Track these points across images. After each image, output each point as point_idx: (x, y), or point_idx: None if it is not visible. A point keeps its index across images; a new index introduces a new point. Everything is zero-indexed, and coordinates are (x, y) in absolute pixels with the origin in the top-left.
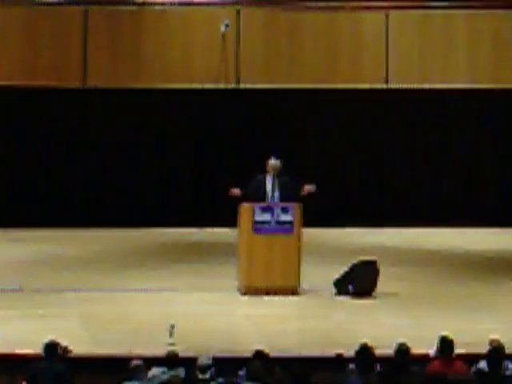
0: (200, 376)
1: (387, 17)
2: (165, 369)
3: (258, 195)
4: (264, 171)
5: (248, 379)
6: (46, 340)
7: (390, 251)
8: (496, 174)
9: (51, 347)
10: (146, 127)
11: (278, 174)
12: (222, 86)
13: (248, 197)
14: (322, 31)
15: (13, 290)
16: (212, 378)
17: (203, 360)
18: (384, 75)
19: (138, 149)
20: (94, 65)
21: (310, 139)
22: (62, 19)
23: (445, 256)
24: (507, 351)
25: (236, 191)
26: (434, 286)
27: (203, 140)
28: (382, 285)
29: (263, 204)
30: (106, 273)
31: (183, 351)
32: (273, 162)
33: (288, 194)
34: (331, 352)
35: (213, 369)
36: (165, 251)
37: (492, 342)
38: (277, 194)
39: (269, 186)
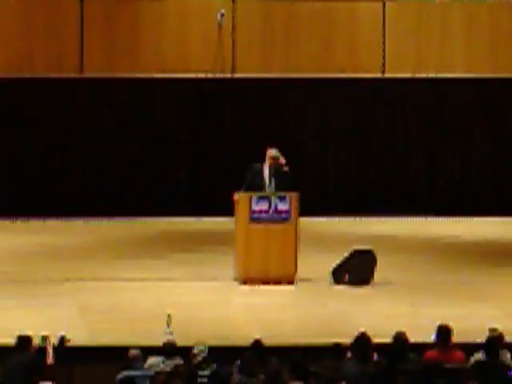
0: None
1: (384, 6)
2: (162, 358)
3: (256, 185)
4: (262, 160)
5: (241, 370)
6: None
7: (388, 240)
8: (492, 163)
9: (23, 340)
10: (143, 116)
11: (276, 165)
12: (218, 75)
13: (248, 190)
14: (318, 20)
15: (9, 281)
16: (207, 367)
17: (198, 349)
18: (380, 64)
19: (134, 138)
20: (91, 55)
21: (306, 128)
22: (59, 9)
23: (442, 245)
24: (506, 339)
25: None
26: (431, 275)
27: (200, 129)
28: (380, 273)
29: (260, 193)
30: (103, 263)
31: (180, 340)
32: (273, 152)
33: (284, 183)
34: (329, 341)
35: (207, 358)
36: (162, 241)
37: (491, 330)
38: (273, 182)
39: (266, 175)
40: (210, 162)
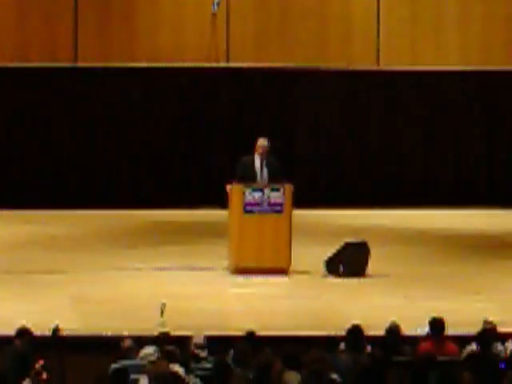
0: (197, 353)
1: None
2: (156, 348)
3: (248, 176)
4: (252, 151)
5: (235, 360)
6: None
7: (381, 232)
8: (486, 155)
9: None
10: (137, 106)
11: (266, 154)
12: (212, 64)
13: (240, 182)
14: (312, 10)
15: (3, 271)
16: (206, 357)
17: (198, 339)
18: (375, 56)
19: (129, 128)
20: (85, 44)
21: (300, 118)
22: None
23: (436, 236)
24: (498, 330)
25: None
26: (425, 267)
27: (194, 118)
28: (373, 265)
29: (253, 185)
30: (97, 253)
31: (174, 330)
32: (262, 141)
33: (275, 173)
34: (322, 332)
35: (206, 348)
36: (155, 231)
37: (486, 323)
38: (265, 173)
39: (257, 166)
40: (203, 152)
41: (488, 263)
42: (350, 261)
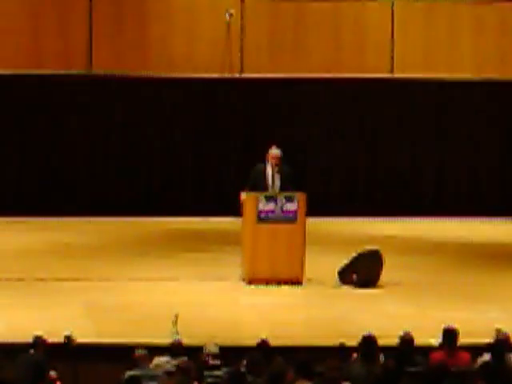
0: (210, 362)
1: (392, 6)
2: (169, 358)
3: (260, 185)
4: (264, 160)
5: (248, 370)
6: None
7: (395, 241)
8: (500, 164)
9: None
10: (150, 115)
11: (278, 164)
12: (226, 75)
13: (251, 190)
14: (326, 20)
15: (17, 279)
16: (219, 366)
17: (211, 348)
18: (389, 65)
19: (141, 137)
20: (99, 52)
21: (314, 127)
22: (68, 6)
23: (449, 246)
24: None
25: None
26: (438, 276)
27: (207, 129)
28: (387, 274)
29: (267, 193)
30: (110, 262)
31: (187, 340)
32: (274, 151)
33: (287, 182)
34: (335, 342)
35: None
36: (169, 240)
37: (498, 332)
38: (277, 182)
39: (269, 175)
40: (216, 162)
41: (501, 273)
42: (363, 270)
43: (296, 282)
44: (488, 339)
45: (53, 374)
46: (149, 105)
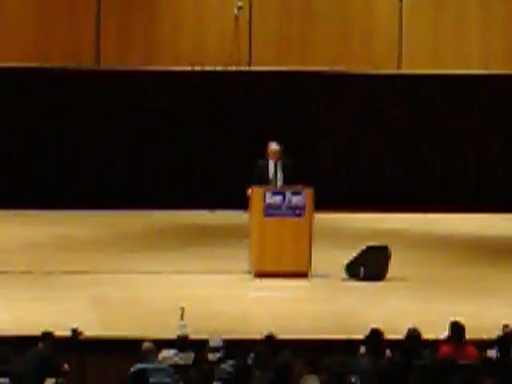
0: (210, 357)
1: (400, 1)
2: (175, 351)
3: (261, 180)
4: (266, 155)
5: (255, 363)
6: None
7: (402, 236)
8: (508, 160)
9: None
10: (158, 109)
11: (279, 158)
12: (234, 68)
13: (255, 184)
14: (334, 14)
15: (25, 272)
16: (222, 360)
17: (214, 342)
18: (396, 60)
19: (149, 130)
20: (107, 46)
21: (321, 122)
22: (75, 1)
23: (456, 241)
24: None
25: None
26: (445, 271)
27: (215, 122)
28: (394, 269)
29: (274, 188)
30: (117, 255)
31: (194, 333)
32: (273, 147)
33: (290, 176)
34: (342, 336)
35: (222, 351)
36: (176, 234)
37: (505, 327)
38: (280, 177)
39: (271, 170)
40: (224, 155)
41: (509, 268)
42: (370, 264)
43: (303, 275)
44: (495, 334)
45: (66, 366)
46: (156, 98)
